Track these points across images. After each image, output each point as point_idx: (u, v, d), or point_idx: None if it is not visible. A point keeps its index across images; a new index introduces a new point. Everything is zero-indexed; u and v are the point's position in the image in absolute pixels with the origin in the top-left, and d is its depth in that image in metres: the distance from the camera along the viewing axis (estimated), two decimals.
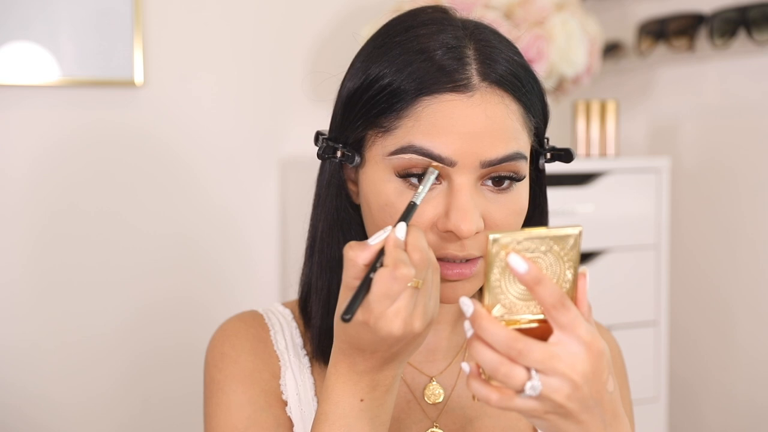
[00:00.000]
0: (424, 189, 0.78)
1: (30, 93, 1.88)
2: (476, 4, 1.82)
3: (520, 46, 1.19)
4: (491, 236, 0.67)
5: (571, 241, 0.69)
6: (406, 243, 0.73)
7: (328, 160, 0.86)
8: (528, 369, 0.67)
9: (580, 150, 2.01)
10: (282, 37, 2.09)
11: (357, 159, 0.84)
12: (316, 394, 0.90)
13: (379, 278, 0.71)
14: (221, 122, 2.04)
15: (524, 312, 0.70)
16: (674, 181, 2.11)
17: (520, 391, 0.67)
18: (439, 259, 0.80)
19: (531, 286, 0.68)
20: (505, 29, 1.42)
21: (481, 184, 0.81)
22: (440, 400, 0.92)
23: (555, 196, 1.82)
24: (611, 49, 2.24)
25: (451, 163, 0.79)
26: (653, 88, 2.22)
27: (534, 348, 0.67)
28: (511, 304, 0.70)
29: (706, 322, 2.10)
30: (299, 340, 0.93)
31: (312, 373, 0.91)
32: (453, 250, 0.80)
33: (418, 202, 0.78)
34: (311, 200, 0.93)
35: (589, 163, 1.90)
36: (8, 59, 1.83)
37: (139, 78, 1.92)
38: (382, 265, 0.72)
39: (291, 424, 0.89)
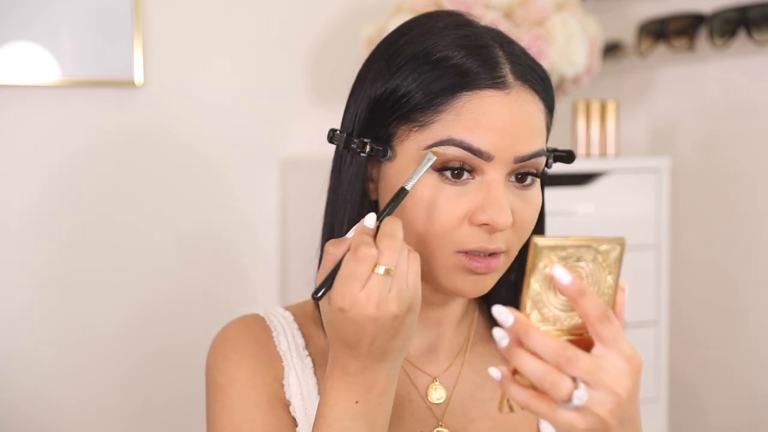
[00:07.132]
0: (418, 174, 0.79)
1: (30, 93, 1.88)
2: (476, 4, 1.82)
3: None
4: (537, 242, 0.66)
5: (616, 254, 0.68)
6: (376, 231, 0.76)
7: (357, 155, 0.86)
8: (574, 379, 0.67)
9: (580, 150, 2.01)
10: (282, 37, 2.09)
11: (389, 153, 0.84)
12: (319, 393, 0.91)
13: (344, 262, 0.74)
14: (221, 122, 2.04)
15: (561, 323, 0.69)
16: (674, 181, 2.11)
17: (567, 400, 0.66)
18: (467, 252, 0.82)
19: (575, 298, 0.67)
20: (505, 29, 1.42)
21: (508, 181, 0.83)
22: (442, 400, 0.92)
23: (555, 196, 1.82)
24: (611, 49, 2.24)
25: (489, 158, 0.80)
26: (653, 88, 2.22)
27: (582, 357, 0.66)
28: (549, 314, 0.69)
29: (706, 322, 2.10)
30: (301, 341, 0.94)
31: (315, 372, 0.92)
32: (485, 242, 0.82)
33: (408, 188, 0.78)
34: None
35: (589, 163, 1.90)
36: (8, 59, 1.83)
37: (139, 78, 1.92)
38: None
39: (295, 425, 0.89)
